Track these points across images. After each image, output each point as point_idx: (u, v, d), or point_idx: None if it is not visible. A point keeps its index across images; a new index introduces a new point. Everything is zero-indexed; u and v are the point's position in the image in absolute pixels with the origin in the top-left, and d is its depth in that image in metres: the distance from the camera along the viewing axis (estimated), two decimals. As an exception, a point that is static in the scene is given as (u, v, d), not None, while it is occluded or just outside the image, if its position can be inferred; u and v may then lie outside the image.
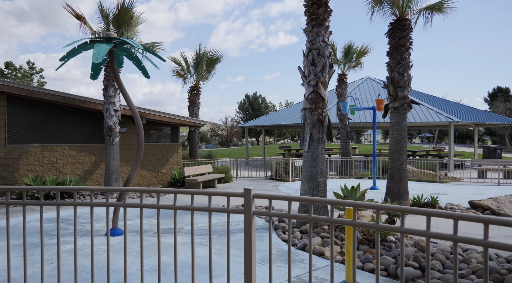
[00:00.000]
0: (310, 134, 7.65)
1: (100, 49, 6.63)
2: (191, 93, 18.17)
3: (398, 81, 9.64)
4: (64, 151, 12.77)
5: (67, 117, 12.90)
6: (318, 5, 7.70)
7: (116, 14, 11.79)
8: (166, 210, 9.34)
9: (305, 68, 7.77)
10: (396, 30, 9.78)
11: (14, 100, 11.95)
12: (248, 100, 57.41)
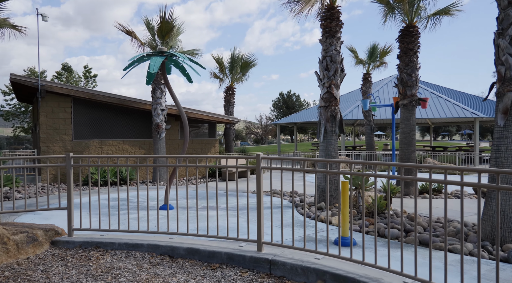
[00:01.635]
0: (324, 128, 9.31)
1: (155, 61, 8.62)
2: (226, 93, 20.14)
3: (407, 81, 11.06)
4: (118, 145, 15.04)
5: (121, 116, 15.16)
6: (331, 19, 9.33)
7: (160, 26, 13.87)
8: (210, 190, 11.25)
9: (320, 72, 9.42)
10: (405, 36, 11.20)
11: (78, 102, 14.32)
12: (282, 98, 59.08)
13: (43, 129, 13.84)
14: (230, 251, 4.33)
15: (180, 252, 4.52)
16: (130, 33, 13.77)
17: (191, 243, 4.65)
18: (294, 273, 3.88)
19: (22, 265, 4.25)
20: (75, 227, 5.18)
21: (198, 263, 4.31)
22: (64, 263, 4.29)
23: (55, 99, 13.94)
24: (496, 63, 6.30)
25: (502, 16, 6.17)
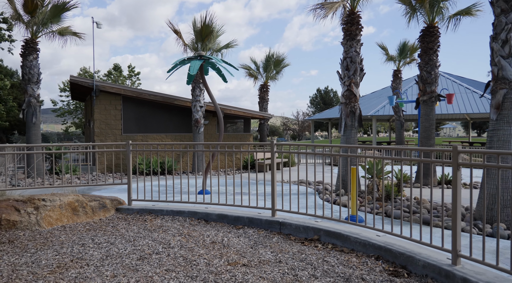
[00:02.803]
0: (344, 122, 10.43)
1: (195, 64, 10.07)
2: (260, 91, 21.49)
3: (426, 78, 11.91)
4: (161, 139, 16.77)
5: (163, 112, 16.87)
6: (352, 24, 10.40)
7: (200, 29, 15.38)
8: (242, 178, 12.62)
9: (342, 72, 10.53)
10: (426, 36, 12.03)
11: (127, 100, 16.15)
12: (319, 94, 59.78)
13: (97, 124, 15.78)
14: (251, 216, 5.66)
15: (212, 217, 5.90)
16: (177, 32, 15.35)
17: (221, 211, 6.03)
18: (298, 231, 5.15)
19: (97, 223, 5.79)
20: (133, 198, 6.71)
21: (226, 225, 5.67)
22: (127, 222, 5.78)
23: (107, 98, 15.83)
24: (491, 64, 7.22)
25: (496, 22, 7.10)
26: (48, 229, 5.35)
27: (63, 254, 4.23)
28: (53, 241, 4.78)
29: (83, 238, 4.91)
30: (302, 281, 3.57)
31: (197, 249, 4.48)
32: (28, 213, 5.40)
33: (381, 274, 3.79)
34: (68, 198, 5.90)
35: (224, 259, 4.14)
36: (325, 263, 4.07)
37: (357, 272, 3.80)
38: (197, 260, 4.07)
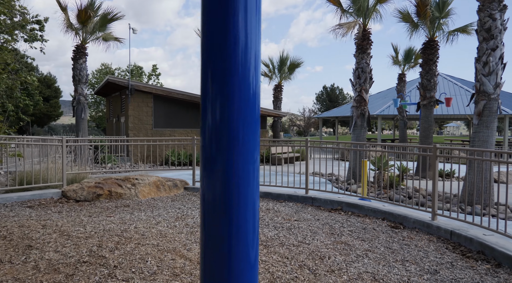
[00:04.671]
0: (355, 122, 12.55)
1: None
2: (275, 90, 23.62)
3: (426, 86, 14.01)
4: (187, 134, 18.92)
5: (189, 109, 19.00)
6: (363, 39, 12.50)
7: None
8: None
9: (354, 80, 12.64)
10: (427, 49, 14.11)
11: (157, 98, 18.30)
12: (325, 91, 61.81)
13: (131, 119, 17.94)
14: (289, 193, 7.82)
15: (260, 194, 8.05)
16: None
17: (266, 190, 8.18)
18: (326, 204, 7.30)
19: (174, 196, 7.95)
20: (197, 180, 8.87)
21: (271, 200, 7.83)
22: (195, 197, 7.94)
23: (140, 96, 17.98)
24: (475, 80, 9.33)
25: (479, 47, 9.20)
26: (144, 199, 7.51)
27: (172, 212, 6.38)
28: (156, 205, 6.95)
29: (174, 205, 7.07)
30: (335, 229, 5.72)
31: (259, 212, 6.64)
32: (129, 188, 7.57)
33: (385, 227, 5.94)
34: (152, 178, 8.07)
35: (280, 217, 6.29)
36: (348, 221, 6.22)
37: (370, 226, 5.96)
38: (263, 217, 6.23)
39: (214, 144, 1.14)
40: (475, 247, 4.87)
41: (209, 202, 1.12)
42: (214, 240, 1.17)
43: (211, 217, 1.16)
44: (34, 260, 3.81)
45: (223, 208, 1.13)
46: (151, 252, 4.13)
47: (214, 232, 1.14)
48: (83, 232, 4.80)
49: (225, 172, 1.13)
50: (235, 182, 1.15)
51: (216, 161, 1.13)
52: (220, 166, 1.13)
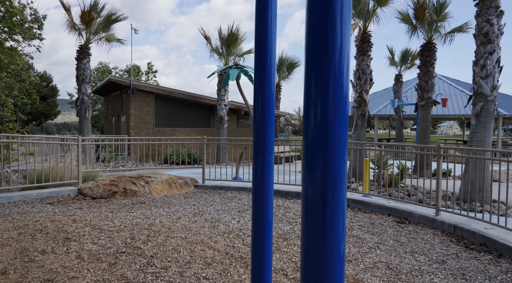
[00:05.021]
0: (355, 123, 12.94)
1: (234, 72, 12.49)
2: (273, 90, 23.98)
3: (424, 87, 14.45)
4: (187, 133, 19.21)
5: (189, 108, 19.29)
6: (363, 41, 12.89)
7: (227, 37, 17.78)
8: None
9: (354, 81, 13.02)
10: (425, 51, 14.55)
11: (158, 98, 18.57)
12: (320, 91, 62.38)
13: (132, 119, 18.19)
14: (297, 191, 8.17)
15: (268, 192, 8.40)
16: (207, 38, 17.76)
17: (275, 187, 8.52)
18: (333, 200, 7.66)
19: (186, 194, 8.27)
20: (206, 178, 9.19)
21: (280, 197, 8.17)
22: (206, 194, 8.27)
23: (141, 95, 18.23)
24: (473, 82, 9.74)
25: (477, 51, 9.61)
26: (157, 196, 7.83)
27: (188, 208, 6.70)
28: (170, 202, 7.26)
29: (188, 202, 7.39)
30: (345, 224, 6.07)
31: (270, 208, 6.99)
32: (142, 186, 7.88)
33: (392, 222, 6.31)
34: (164, 176, 8.38)
35: (292, 213, 6.65)
36: (356, 217, 6.59)
37: (377, 221, 6.33)
38: (275, 213, 6.57)
39: (315, 144, 1.38)
40: (477, 239, 5.25)
41: (309, 198, 1.31)
42: (312, 233, 1.33)
43: (310, 212, 1.33)
44: (75, 251, 4.12)
45: (320, 204, 1.32)
46: (181, 243, 4.46)
47: (312, 226, 1.30)
48: (113, 226, 5.11)
49: (323, 171, 1.34)
50: (332, 181, 1.36)
51: (316, 161, 1.36)
52: (319, 165, 1.35)
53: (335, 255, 1.28)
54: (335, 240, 1.28)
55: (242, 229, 5.35)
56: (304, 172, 1.32)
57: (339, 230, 1.34)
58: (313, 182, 1.27)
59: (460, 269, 4.28)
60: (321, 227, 1.31)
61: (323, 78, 1.29)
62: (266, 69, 2.87)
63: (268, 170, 2.70)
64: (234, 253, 4.28)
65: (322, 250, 1.26)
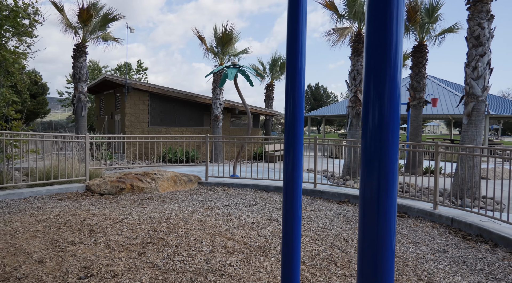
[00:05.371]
0: (350, 122, 13.32)
1: (231, 72, 12.76)
2: (267, 90, 24.29)
3: (416, 87, 14.90)
4: (182, 132, 19.41)
5: (184, 107, 19.49)
6: (358, 43, 13.27)
7: (221, 37, 18.02)
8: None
9: (350, 81, 13.40)
10: (416, 52, 15.00)
11: (153, 96, 18.72)
12: (310, 90, 62.88)
13: (127, 117, 18.31)
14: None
15: (271, 188, 8.71)
16: (202, 38, 17.97)
17: (277, 184, 8.84)
18: (333, 196, 8.00)
19: (191, 190, 8.52)
20: (209, 175, 9.45)
21: (280, 193, 8.45)
22: (211, 191, 8.53)
23: (136, 94, 18.37)
24: (465, 83, 10.15)
25: (469, 53, 10.03)
26: (164, 193, 8.07)
27: (197, 204, 6.97)
28: (178, 198, 7.52)
29: (194, 198, 7.65)
30: (348, 217, 6.42)
31: (275, 203, 7.30)
32: (149, 182, 8.11)
33: (392, 216, 6.67)
34: (169, 173, 8.62)
35: (297, 208, 6.95)
36: (358, 211, 6.92)
37: (378, 215, 6.68)
38: (281, 208, 6.87)
39: (373, 145, 1.47)
40: (474, 231, 5.64)
41: (367, 197, 1.32)
42: (369, 229, 1.39)
43: (368, 210, 1.39)
44: (103, 242, 4.37)
45: (376, 203, 1.33)
46: (201, 235, 4.74)
47: (369, 223, 1.36)
48: (132, 219, 5.36)
49: (380, 171, 1.39)
50: (387, 181, 1.42)
51: (373, 161, 1.43)
52: (376, 165, 1.41)
53: (388, 248, 1.42)
54: (388, 236, 1.41)
55: (254, 222, 5.65)
56: (362, 173, 1.46)
57: (391, 227, 1.41)
58: (370, 183, 1.36)
59: (460, 257, 4.64)
60: (377, 225, 1.38)
61: (379, 81, 1.47)
62: (297, 73, 3.20)
63: (299, 168, 3.02)
64: (252, 243, 4.58)
65: (378, 244, 1.38)
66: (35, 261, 3.84)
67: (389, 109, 1.34)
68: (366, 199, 1.35)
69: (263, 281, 3.57)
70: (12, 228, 4.81)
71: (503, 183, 6.12)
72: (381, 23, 1.39)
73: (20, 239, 4.44)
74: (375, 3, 1.52)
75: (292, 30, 3.15)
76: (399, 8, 1.44)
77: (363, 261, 1.43)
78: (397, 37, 1.38)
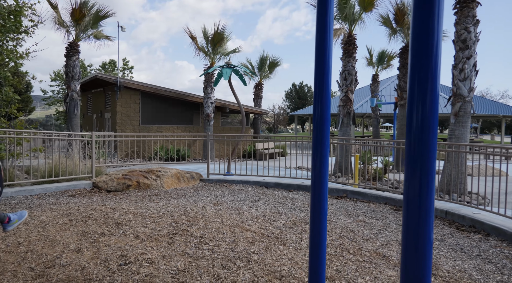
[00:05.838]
0: (342, 120, 13.80)
1: (226, 72, 13.08)
2: (255, 88, 24.66)
3: (403, 87, 15.50)
4: (173, 130, 19.61)
5: (175, 106, 19.70)
6: (349, 44, 13.76)
7: (213, 36, 18.30)
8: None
9: (341, 81, 13.88)
10: (404, 53, 15.60)
11: (145, 95, 18.88)
12: (294, 89, 63.55)
13: (119, 116, 18.42)
14: (298, 183, 8.89)
15: (271, 185, 9.09)
16: (193, 38, 18.22)
17: (276, 180, 9.22)
18: (332, 192, 8.44)
19: (194, 187, 8.83)
20: (211, 172, 9.77)
21: (282, 189, 8.87)
22: (213, 187, 8.86)
23: (128, 92, 18.50)
24: (452, 84, 10.71)
25: (456, 56, 10.59)
26: (168, 189, 8.36)
27: (205, 199, 7.29)
28: (184, 194, 7.82)
29: (200, 194, 7.97)
30: (350, 211, 6.85)
31: (278, 198, 7.68)
32: (154, 179, 8.39)
33: (389, 209, 7.14)
34: (173, 171, 8.91)
35: (299, 202, 7.36)
36: (357, 206, 7.38)
37: (377, 209, 7.14)
38: (285, 203, 7.26)
39: (417, 145, 1.70)
40: (467, 222, 6.14)
41: (410, 195, 1.51)
42: (412, 224, 1.58)
43: (411, 206, 1.59)
44: (131, 233, 4.68)
45: (419, 199, 1.49)
46: (221, 227, 5.09)
47: (412, 217, 1.57)
48: (151, 213, 5.66)
49: (422, 171, 1.59)
50: (428, 179, 1.65)
51: (416, 161, 1.64)
52: (419, 165, 1.61)
53: (427, 241, 1.60)
54: (427, 230, 1.59)
55: (265, 215, 6.02)
56: (407, 172, 1.68)
57: (430, 222, 1.61)
58: (413, 182, 1.52)
59: (458, 245, 5.11)
60: (419, 219, 1.56)
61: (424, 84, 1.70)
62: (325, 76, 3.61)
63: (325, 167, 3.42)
64: (269, 234, 4.95)
65: (420, 237, 1.56)
66: (73, 250, 4.13)
67: (431, 111, 1.62)
68: (409, 195, 1.54)
69: (287, 266, 3.94)
70: (40, 222, 5.06)
71: (486, 180, 6.64)
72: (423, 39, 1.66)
73: (51, 231, 4.71)
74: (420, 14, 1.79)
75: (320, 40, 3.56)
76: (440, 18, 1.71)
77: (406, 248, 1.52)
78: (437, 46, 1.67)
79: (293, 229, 5.28)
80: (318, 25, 3.50)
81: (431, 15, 1.56)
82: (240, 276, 3.65)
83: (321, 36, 3.41)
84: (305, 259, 4.16)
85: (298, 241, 4.78)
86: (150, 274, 3.61)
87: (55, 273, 3.60)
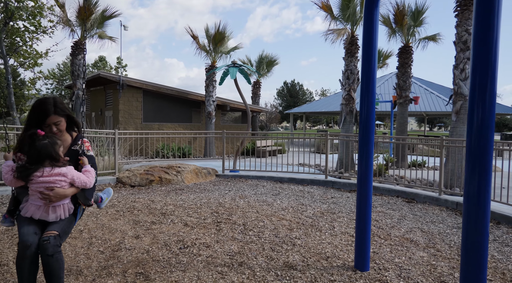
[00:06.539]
0: (344, 118, 14.31)
1: (233, 71, 13.47)
2: (254, 87, 25.11)
3: (402, 86, 16.08)
4: (175, 128, 19.93)
5: (177, 104, 20.01)
6: (352, 44, 14.26)
7: (214, 35, 18.66)
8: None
9: (343, 80, 14.38)
10: (403, 53, 16.18)
11: (147, 93, 19.16)
12: (286, 87, 64.19)
13: (121, 114, 18.68)
14: (311, 178, 9.36)
15: (285, 180, 9.53)
16: (195, 37, 18.55)
17: (290, 176, 9.67)
18: (345, 186, 8.91)
19: (212, 182, 9.23)
20: (226, 168, 10.18)
21: (296, 184, 9.32)
22: (230, 182, 9.27)
23: (130, 91, 18.76)
24: (453, 83, 11.25)
25: (457, 56, 11.12)
26: (189, 184, 8.75)
27: (228, 193, 7.69)
28: (205, 188, 8.22)
29: (220, 188, 8.37)
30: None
31: (296, 192, 8.13)
32: (175, 174, 8.77)
33: (402, 201, 7.64)
34: (191, 166, 9.30)
35: (317, 195, 7.82)
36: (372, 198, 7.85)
37: (391, 201, 7.63)
38: (304, 196, 7.71)
39: (477, 144, 2.02)
40: (477, 212, 6.67)
41: (470, 193, 1.60)
42: (472, 218, 1.69)
43: (471, 204, 1.69)
44: (179, 222, 5.08)
45: (477, 198, 1.69)
46: (258, 216, 5.52)
47: (472, 213, 1.66)
48: (189, 204, 6.07)
49: (482, 170, 1.65)
50: (486, 178, 1.76)
51: (475, 159, 1.91)
52: (479, 163, 1.64)
53: (485, 235, 1.95)
54: (485, 225, 1.91)
55: (293, 206, 6.47)
56: (467, 171, 1.88)
57: (487, 217, 1.98)
58: (473, 181, 1.83)
59: (473, 231, 5.62)
60: (478, 214, 1.92)
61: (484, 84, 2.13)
62: (370, 77, 4.08)
63: (371, 165, 3.87)
64: (303, 222, 5.40)
65: (479, 231, 1.95)
66: (132, 236, 4.52)
67: (489, 111, 2.07)
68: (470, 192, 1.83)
69: (329, 249, 4.39)
70: (90, 212, 5.43)
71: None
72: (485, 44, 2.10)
73: (104, 220, 5.08)
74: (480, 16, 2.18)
75: (367, 40, 4.04)
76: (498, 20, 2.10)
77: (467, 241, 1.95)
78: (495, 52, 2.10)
79: (323, 218, 5.73)
80: (365, 31, 3.97)
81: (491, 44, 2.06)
82: (290, 257, 4.09)
83: (368, 42, 3.89)
84: (343, 243, 4.61)
85: (331, 228, 5.23)
86: (210, 255, 4.03)
87: (124, 255, 3.99)
